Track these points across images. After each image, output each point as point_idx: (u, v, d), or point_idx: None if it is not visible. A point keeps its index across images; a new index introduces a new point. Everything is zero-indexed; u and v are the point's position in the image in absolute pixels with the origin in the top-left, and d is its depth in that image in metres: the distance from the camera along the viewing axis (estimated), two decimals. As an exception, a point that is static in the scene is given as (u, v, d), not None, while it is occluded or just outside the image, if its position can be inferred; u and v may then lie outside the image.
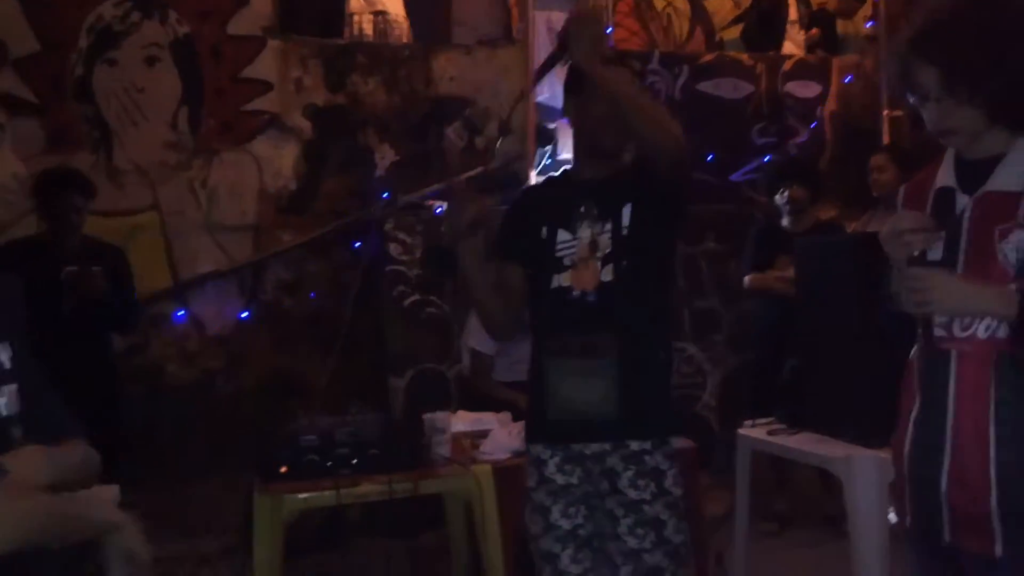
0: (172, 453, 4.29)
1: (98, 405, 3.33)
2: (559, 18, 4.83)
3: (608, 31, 1.92)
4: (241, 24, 4.74)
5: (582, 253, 2.08)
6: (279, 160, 4.72)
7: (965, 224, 1.60)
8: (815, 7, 5.89)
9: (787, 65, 5.42)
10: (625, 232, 2.04)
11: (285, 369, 4.58)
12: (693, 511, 3.24)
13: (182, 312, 4.55)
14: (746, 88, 5.30)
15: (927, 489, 1.62)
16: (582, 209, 2.08)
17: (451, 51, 4.97)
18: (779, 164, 4.52)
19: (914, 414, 1.67)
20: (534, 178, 4.76)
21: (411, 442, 2.86)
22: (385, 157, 4.82)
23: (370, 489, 2.70)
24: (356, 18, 5.05)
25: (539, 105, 4.86)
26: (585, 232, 2.09)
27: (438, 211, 1.93)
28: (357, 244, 4.59)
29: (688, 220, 2.23)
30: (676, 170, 1.99)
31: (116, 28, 4.60)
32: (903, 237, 1.57)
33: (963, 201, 1.62)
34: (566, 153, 4.81)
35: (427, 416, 2.95)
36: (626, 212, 2.05)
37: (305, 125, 4.75)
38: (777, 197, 4.24)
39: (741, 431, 3.08)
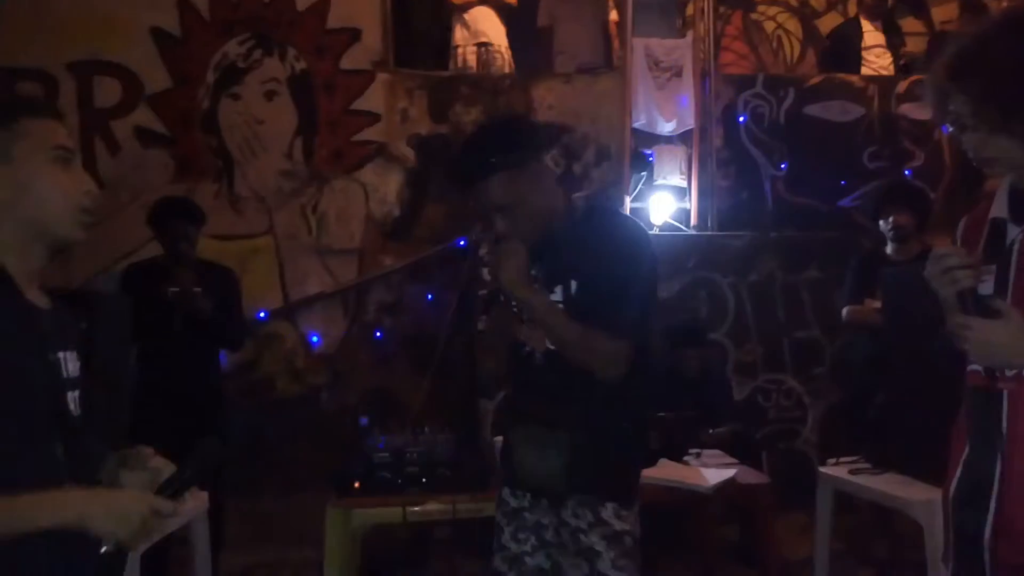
0: (279, 464, 4.48)
1: (204, 416, 3.55)
2: (657, 45, 4.80)
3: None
4: (353, 59, 4.94)
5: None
6: (384, 187, 4.88)
7: (1015, 256, 1.49)
8: (938, 28, 5.59)
9: (901, 87, 5.15)
10: (573, 300, 1.90)
11: (384, 387, 4.71)
12: (770, 553, 3.12)
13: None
14: (856, 111, 5.06)
15: (969, 537, 1.50)
16: (532, 272, 1.93)
17: (551, 80, 5.00)
18: (884, 188, 4.26)
19: (964, 455, 1.56)
20: (628, 205, 4.72)
21: (479, 464, 2.87)
22: (483, 184, 4.89)
23: (435, 508, 2.74)
24: (460, 50, 5.18)
25: (635, 131, 4.82)
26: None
27: (461, 243, 1.80)
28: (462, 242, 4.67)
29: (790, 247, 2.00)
30: (617, 378, 1.87)
31: (240, 65, 4.90)
32: (949, 273, 1.48)
33: (1014, 232, 1.51)
34: (662, 179, 4.75)
35: (497, 439, 2.95)
36: (573, 284, 1.91)
37: (409, 154, 4.89)
38: (881, 223, 3.98)
39: (823, 469, 2.93)
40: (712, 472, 3.05)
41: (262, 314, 4.67)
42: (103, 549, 1.26)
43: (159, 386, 3.44)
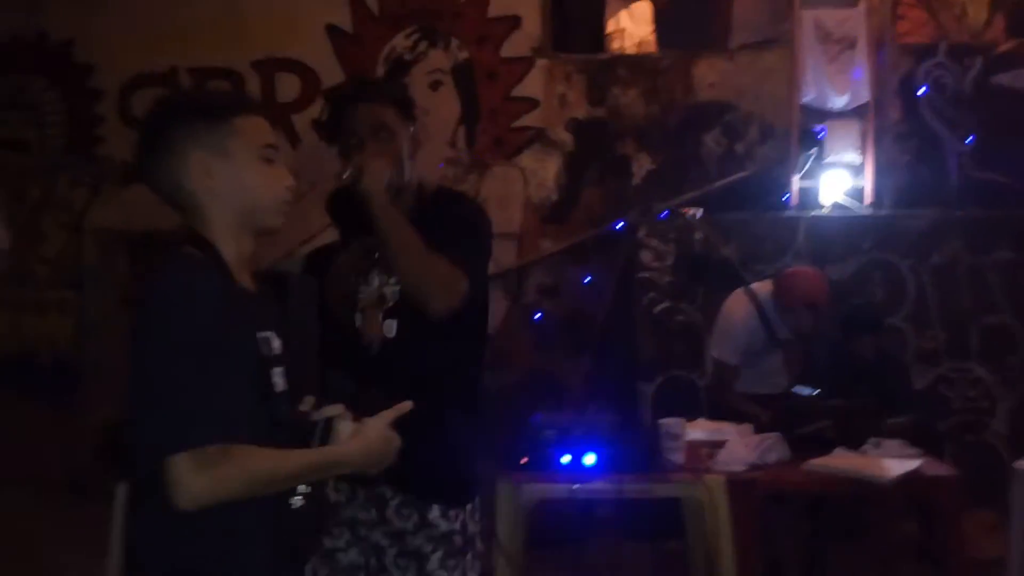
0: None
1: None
2: (828, 16, 4.45)
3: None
4: (513, 46, 4.89)
5: (368, 301, 1.88)
6: (543, 172, 4.80)
7: None
8: None
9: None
10: None
11: (543, 368, 4.66)
12: (956, 552, 2.81)
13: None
14: (1053, 79, 4.49)
15: None
16: (376, 255, 1.86)
17: (712, 57, 4.73)
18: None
19: None
20: (796, 184, 4.41)
21: (645, 446, 2.80)
22: (642, 166, 4.73)
23: (602, 487, 2.70)
24: (616, 33, 5.03)
25: (804, 107, 4.49)
26: (374, 279, 1.90)
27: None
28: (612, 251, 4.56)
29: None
30: (446, 316, 1.79)
31: (407, 57, 4.98)
32: None
33: None
34: (833, 156, 4.40)
35: (662, 421, 2.87)
36: None
37: (567, 138, 4.78)
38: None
39: (1017, 464, 2.60)
40: (894, 463, 2.77)
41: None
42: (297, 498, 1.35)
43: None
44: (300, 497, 1.34)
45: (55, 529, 3.93)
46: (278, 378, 1.38)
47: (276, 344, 1.39)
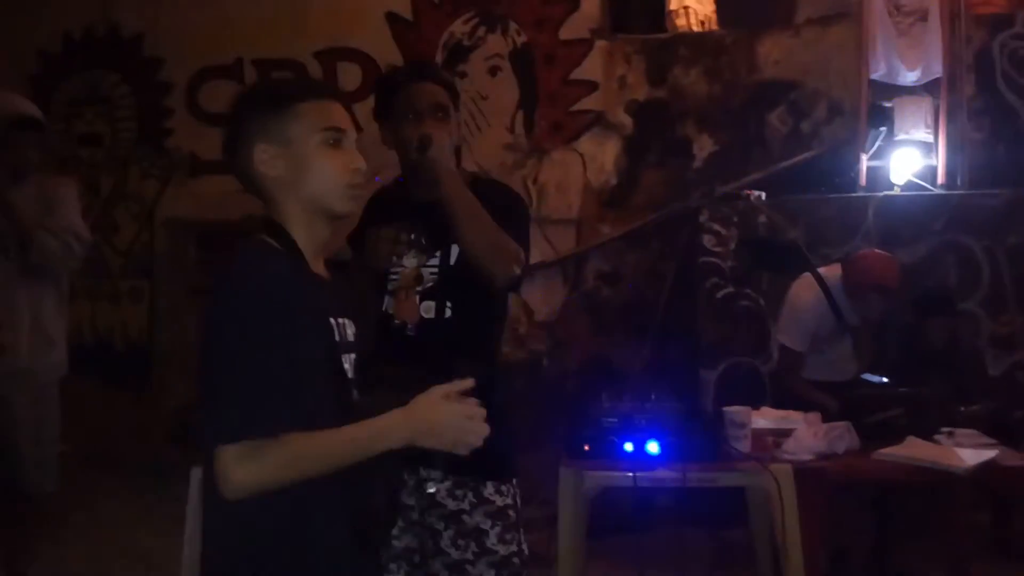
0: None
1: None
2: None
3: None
4: (572, 28, 4.81)
5: (404, 282, 1.85)
6: (602, 156, 4.73)
7: None
8: None
9: None
10: (451, 269, 1.83)
11: (602, 354, 4.61)
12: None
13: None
14: None
15: None
16: (411, 236, 1.87)
17: (777, 34, 4.57)
18: None
19: None
20: (865, 164, 4.25)
21: (709, 434, 2.74)
22: (704, 148, 4.62)
23: (665, 475, 2.65)
24: (676, 11, 4.92)
25: (873, 83, 4.32)
26: (411, 260, 1.87)
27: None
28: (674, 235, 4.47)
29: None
30: (506, 288, 1.85)
31: (465, 43, 4.96)
32: None
33: None
34: (904, 134, 4.23)
35: (727, 409, 2.80)
36: (454, 250, 1.83)
37: (627, 121, 4.70)
38: None
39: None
40: (968, 452, 2.65)
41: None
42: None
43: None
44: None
45: (134, 511, 4.07)
46: (348, 364, 1.40)
47: (350, 331, 1.41)
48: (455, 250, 1.86)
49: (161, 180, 5.29)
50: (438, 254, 1.88)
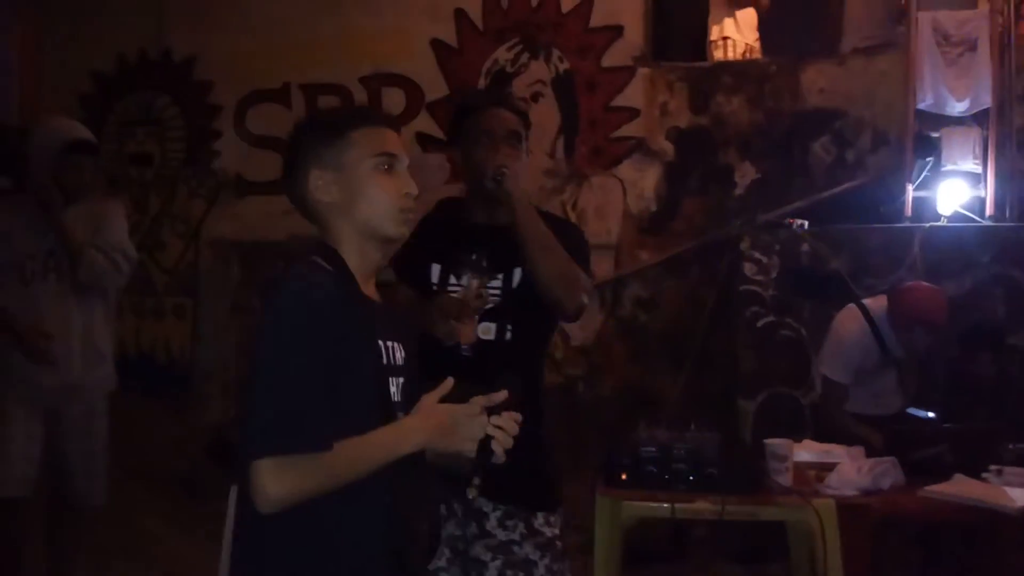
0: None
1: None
2: (947, 17, 4.21)
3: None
4: (615, 56, 4.83)
5: (464, 301, 1.85)
6: (642, 182, 4.71)
7: None
8: None
9: None
10: (513, 292, 1.85)
11: (638, 381, 4.56)
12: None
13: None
14: None
15: None
16: (473, 257, 1.88)
17: (821, 63, 4.55)
18: None
19: None
20: (910, 194, 4.17)
21: (749, 466, 2.69)
22: (745, 175, 4.58)
23: (704, 507, 2.59)
24: (716, 42, 4.91)
25: (920, 113, 4.25)
26: (471, 281, 1.87)
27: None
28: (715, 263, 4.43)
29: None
30: (574, 316, 1.88)
31: (508, 70, 4.99)
32: None
33: None
34: (951, 164, 4.15)
35: (768, 442, 2.74)
36: (517, 274, 1.85)
37: (668, 147, 4.68)
38: None
39: None
40: (1019, 492, 2.56)
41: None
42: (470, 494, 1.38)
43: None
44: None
45: (172, 527, 4.09)
46: (395, 387, 1.40)
47: (399, 355, 1.42)
48: (517, 273, 1.88)
49: (208, 200, 5.38)
50: (499, 276, 1.89)
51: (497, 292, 1.88)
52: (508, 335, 1.88)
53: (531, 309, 1.86)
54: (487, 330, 1.88)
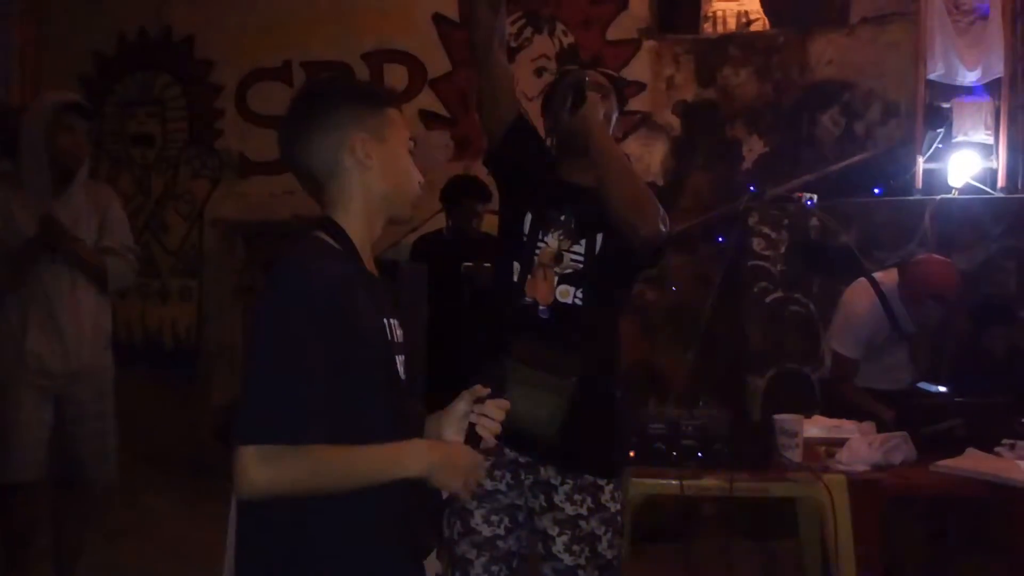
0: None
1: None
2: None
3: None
4: (620, 29, 4.75)
5: (543, 259, 1.83)
6: (648, 157, 4.65)
7: None
8: None
9: None
10: (595, 258, 1.83)
11: (646, 359, 4.54)
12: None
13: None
14: None
15: None
16: (561, 217, 1.86)
17: (830, 33, 4.47)
18: None
19: None
20: (921, 166, 4.12)
21: (759, 442, 2.68)
22: (753, 149, 4.52)
23: (713, 484, 2.59)
24: (719, 13, 4.82)
25: (930, 83, 4.19)
26: (553, 241, 1.85)
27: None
28: (721, 239, 4.39)
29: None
30: (648, 250, 1.86)
31: (512, 44, 4.92)
32: None
33: None
34: (962, 136, 4.09)
35: (777, 417, 2.74)
36: (599, 238, 1.85)
37: (674, 122, 4.62)
38: None
39: None
40: (1030, 467, 2.56)
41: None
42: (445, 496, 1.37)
43: (447, 355, 3.54)
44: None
45: (179, 508, 4.11)
46: (400, 366, 1.39)
47: (399, 332, 1.40)
48: (600, 239, 1.88)
49: (211, 180, 5.35)
50: (582, 241, 1.87)
51: (580, 258, 1.86)
52: (588, 300, 1.87)
53: (610, 276, 1.87)
54: (566, 293, 1.87)
